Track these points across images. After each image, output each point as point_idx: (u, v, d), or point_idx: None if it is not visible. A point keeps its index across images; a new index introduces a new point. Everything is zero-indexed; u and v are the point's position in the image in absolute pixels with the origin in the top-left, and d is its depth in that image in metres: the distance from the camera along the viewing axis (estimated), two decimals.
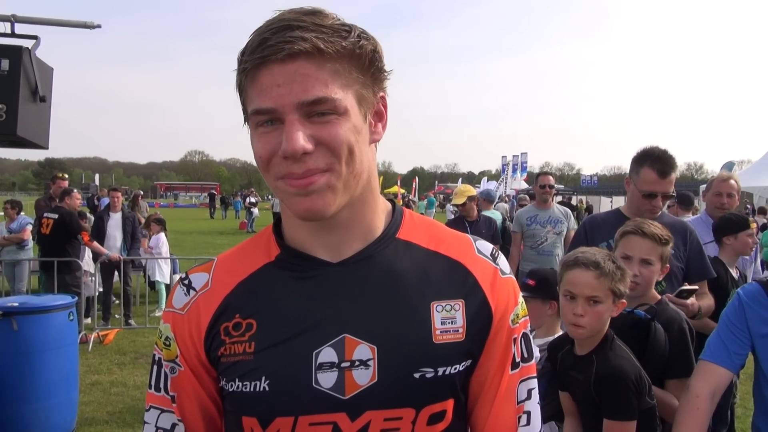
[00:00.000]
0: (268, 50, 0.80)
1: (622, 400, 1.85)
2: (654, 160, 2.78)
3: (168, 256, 8.86)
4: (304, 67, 0.80)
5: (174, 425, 0.97)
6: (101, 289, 8.05)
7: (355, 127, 0.85)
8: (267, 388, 0.88)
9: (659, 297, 2.34)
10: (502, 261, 1.01)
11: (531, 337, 1.03)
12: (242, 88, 0.86)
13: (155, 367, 0.99)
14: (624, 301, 1.99)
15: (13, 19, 3.40)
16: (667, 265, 2.35)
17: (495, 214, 7.18)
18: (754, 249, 3.65)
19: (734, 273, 3.37)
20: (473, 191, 6.21)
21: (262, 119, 0.83)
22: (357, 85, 0.85)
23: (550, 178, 6.09)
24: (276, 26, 0.81)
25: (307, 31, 0.80)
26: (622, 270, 1.97)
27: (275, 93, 0.81)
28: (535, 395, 1.01)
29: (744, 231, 3.45)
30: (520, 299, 1.01)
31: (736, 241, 3.42)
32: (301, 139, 0.81)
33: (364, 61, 0.85)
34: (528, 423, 0.98)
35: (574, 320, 1.93)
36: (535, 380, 1.01)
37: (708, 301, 2.79)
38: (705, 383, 1.84)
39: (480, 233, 5.75)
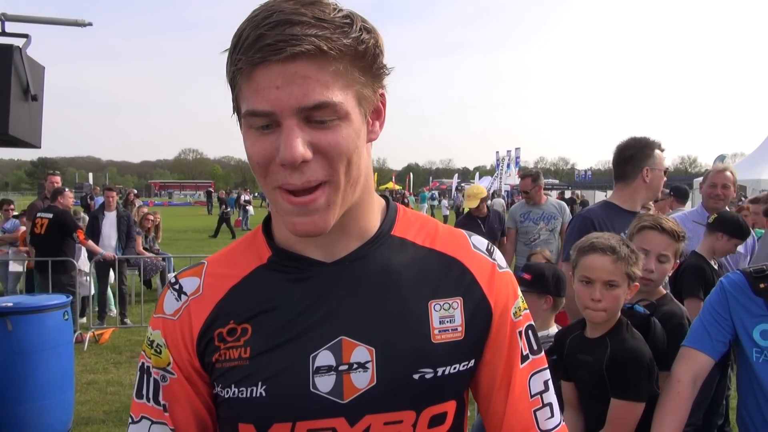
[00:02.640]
0: (266, 50, 0.74)
1: (636, 381, 1.87)
2: (657, 143, 3.05)
3: (86, 268, 7.71)
4: (304, 69, 0.75)
5: None
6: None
7: (356, 131, 0.81)
8: (264, 394, 0.85)
9: (664, 291, 2.36)
10: (498, 255, 1.00)
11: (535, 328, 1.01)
12: (235, 83, 0.80)
13: (144, 376, 0.94)
14: (637, 284, 2.01)
15: (3, 18, 3.37)
16: (677, 261, 2.36)
17: None
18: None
19: (714, 264, 3.39)
20: (485, 192, 6.25)
21: (257, 122, 0.78)
22: (358, 85, 0.81)
23: (529, 181, 5.71)
24: (274, 20, 0.74)
25: (308, 27, 0.75)
26: (636, 254, 2.00)
27: (273, 96, 0.75)
28: (551, 385, 0.98)
29: (738, 239, 3.41)
30: (519, 292, 1.00)
31: (728, 242, 3.41)
32: (300, 146, 0.76)
33: (366, 60, 0.81)
34: (552, 415, 0.96)
35: (592, 305, 1.95)
36: (548, 371, 0.99)
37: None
38: (687, 368, 1.88)
39: (493, 228, 5.94)
